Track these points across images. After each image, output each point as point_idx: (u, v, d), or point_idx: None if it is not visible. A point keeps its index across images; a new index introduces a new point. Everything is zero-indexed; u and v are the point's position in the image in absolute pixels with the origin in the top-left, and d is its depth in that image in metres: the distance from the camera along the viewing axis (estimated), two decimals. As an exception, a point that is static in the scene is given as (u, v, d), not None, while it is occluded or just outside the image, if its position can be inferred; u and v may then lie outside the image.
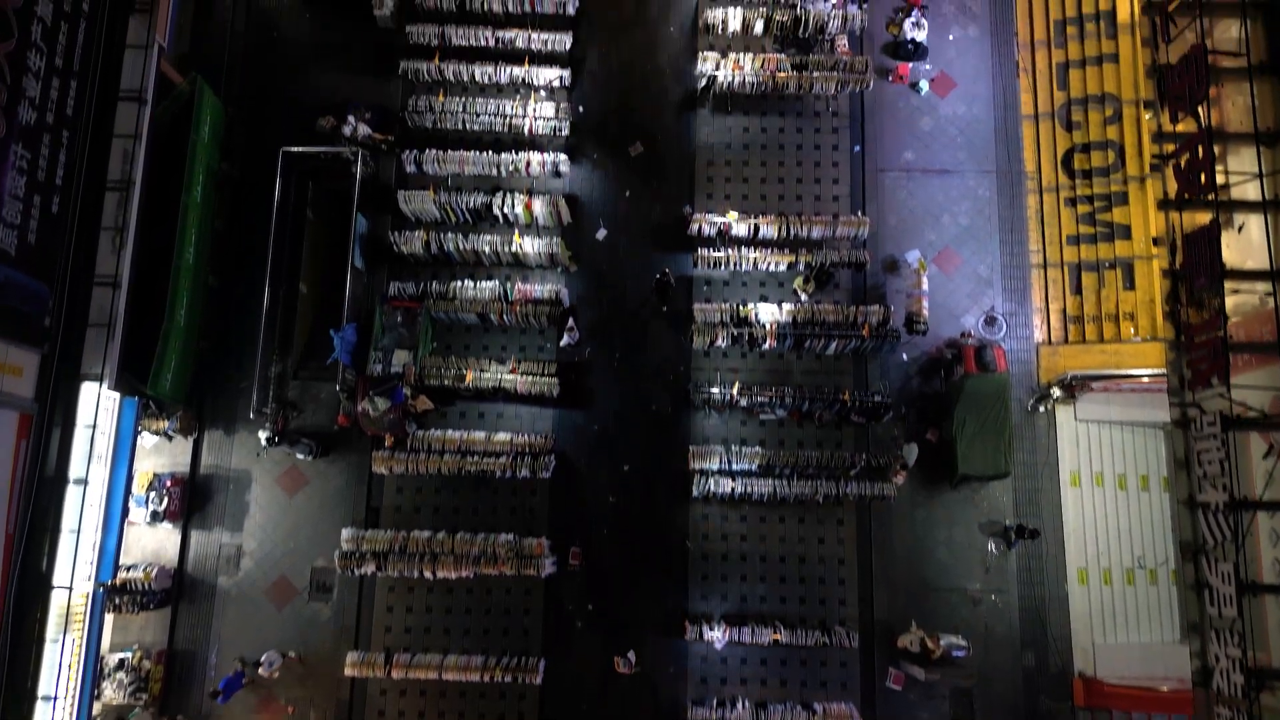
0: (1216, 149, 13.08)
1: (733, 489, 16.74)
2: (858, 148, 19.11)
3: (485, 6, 18.89)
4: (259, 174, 18.30)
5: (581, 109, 19.31)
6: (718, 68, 18.38)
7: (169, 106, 17.29)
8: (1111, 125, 18.42)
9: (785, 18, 18.67)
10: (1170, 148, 14.09)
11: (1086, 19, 18.94)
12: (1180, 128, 14.05)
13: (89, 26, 15.06)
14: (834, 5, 18.91)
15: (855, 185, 18.95)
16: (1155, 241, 16.92)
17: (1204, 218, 14.24)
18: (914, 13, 19.16)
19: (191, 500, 17.58)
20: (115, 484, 15.19)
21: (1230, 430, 12.12)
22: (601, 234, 18.81)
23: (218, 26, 19.37)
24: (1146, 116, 17.32)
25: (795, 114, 19.19)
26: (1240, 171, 12.94)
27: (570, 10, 19.05)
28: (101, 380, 14.79)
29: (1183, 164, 14.10)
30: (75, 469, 14.39)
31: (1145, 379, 16.67)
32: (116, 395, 15.36)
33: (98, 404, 14.67)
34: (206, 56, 19.14)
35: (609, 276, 18.68)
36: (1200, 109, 13.36)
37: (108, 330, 14.88)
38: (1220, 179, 13.01)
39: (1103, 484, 17.59)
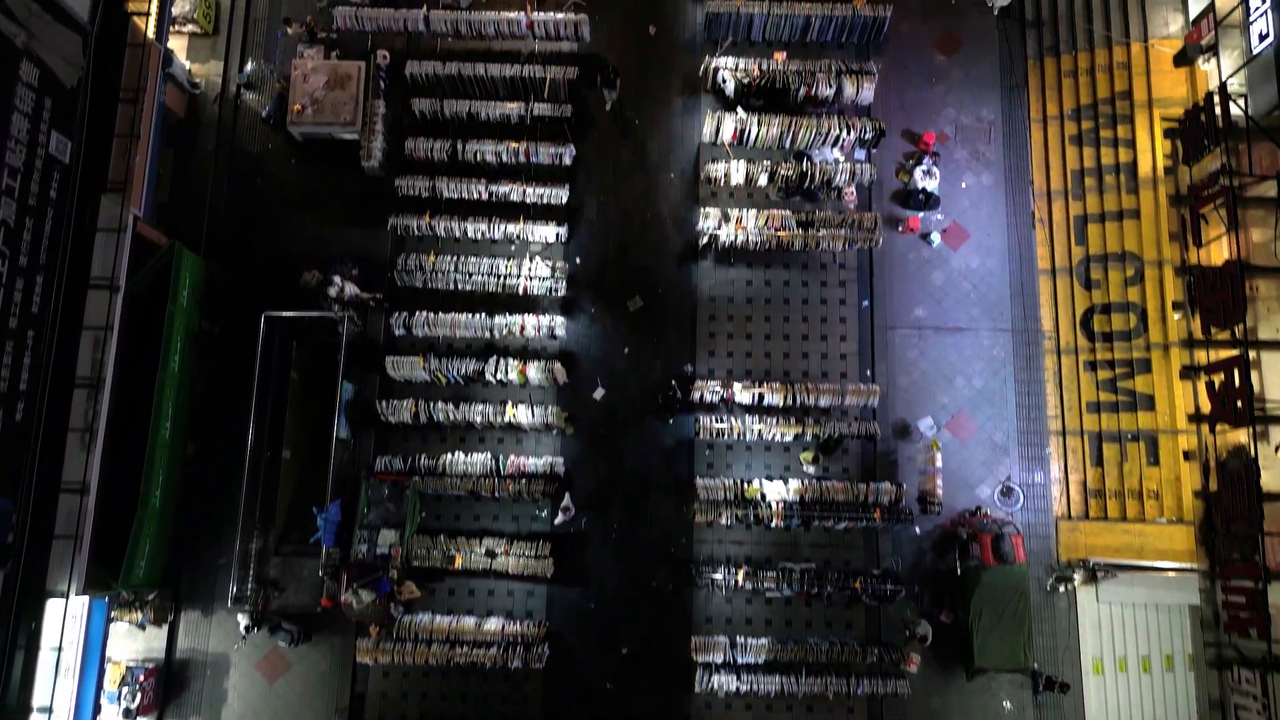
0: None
1: (738, 687, 15.87)
2: (866, 302, 18.30)
3: (478, 157, 18.12)
4: (241, 329, 17.49)
5: (579, 259, 18.52)
6: (719, 226, 17.61)
7: (145, 274, 16.49)
8: (1133, 286, 17.62)
9: (790, 171, 17.90)
10: (1202, 357, 13.35)
11: (1105, 170, 18.17)
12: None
13: (57, 215, 14.31)
14: (840, 159, 18.16)
15: (864, 342, 18.14)
16: (1186, 456, 16.03)
17: (1238, 435, 13.46)
18: (925, 160, 18.38)
19: (167, 690, 16.67)
20: (84, 697, 14.36)
21: (1270, 678, 11.28)
22: (599, 394, 17.97)
23: (199, 174, 18.56)
24: (1175, 317, 16.53)
25: (801, 265, 18.39)
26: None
27: (566, 160, 18.27)
28: (68, 595, 13.95)
29: (1216, 384, 13.34)
30: (39, 697, 13.54)
31: (1171, 572, 15.82)
32: (85, 598, 14.54)
33: (64, 624, 13.83)
34: (187, 205, 18.36)
35: (607, 440, 17.83)
36: (1237, 329, 12.63)
37: (75, 542, 14.05)
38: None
39: (1126, 669, 16.71)
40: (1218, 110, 16.48)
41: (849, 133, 17.99)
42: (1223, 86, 16.66)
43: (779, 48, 19.15)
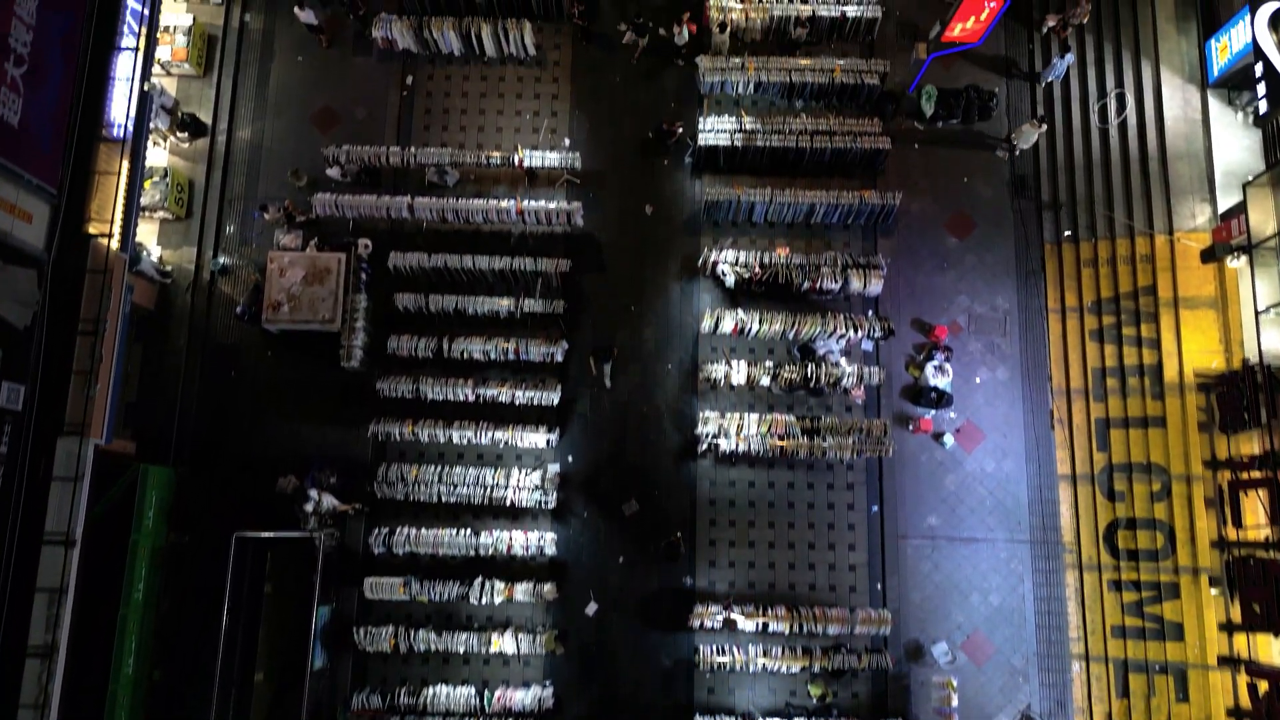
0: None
1: None
2: (875, 508, 17.26)
3: (465, 355, 17.13)
4: (212, 541, 16.45)
5: (570, 458, 17.49)
6: (719, 433, 16.61)
7: (108, 500, 15.47)
8: (1159, 502, 16.58)
9: (794, 374, 16.89)
10: (1241, 644, 12.30)
11: (1129, 371, 17.16)
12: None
13: (8, 469, 13.27)
14: (846, 359, 17.19)
15: (874, 552, 17.07)
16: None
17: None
18: (936, 355, 17.39)
19: None
20: None
21: None
22: (592, 609, 16.89)
23: (169, 370, 17.55)
24: (1212, 593, 15.47)
25: (806, 467, 17.35)
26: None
27: (559, 358, 17.27)
28: None
29: (1260, 690, 12.34)
30: None
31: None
32: None
33: None
34: (157, 403, 17.34)
35: (600, 660, 16.74)
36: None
37: (21, 837, 12.94)
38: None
39: None
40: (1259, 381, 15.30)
41: (856, 331, 17.01)
42: (1265, 369, 15.57)
43: (782, 230, 18.22)
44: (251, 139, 18.65)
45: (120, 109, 15.40)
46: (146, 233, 17.90)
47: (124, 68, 15.42)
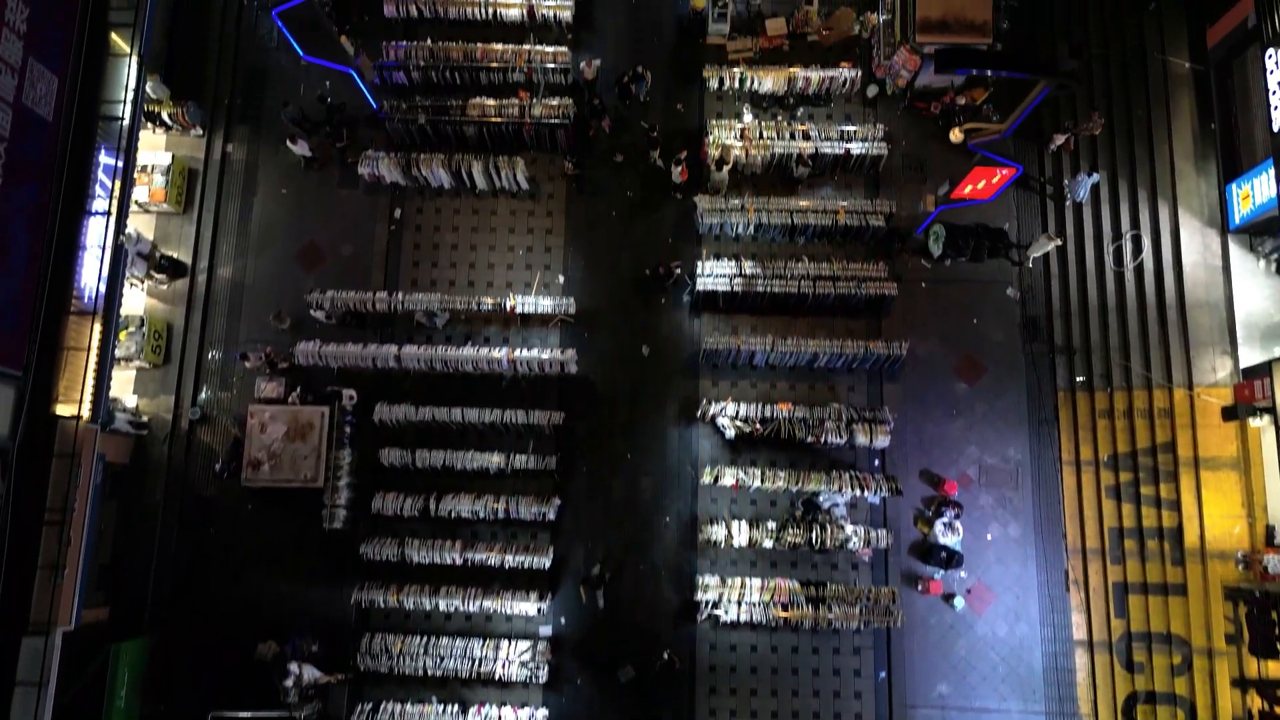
0: None
1: None
2: (883, 674, 16.48)
3: (453, 515, 16.40)
4: (188, 712, 15.73)
5: (563, 620, 16.73)
6: (719, 602, 15.87)
7: (78, 686, 14.73)
8: (1180, 677, 15.81)
9: (798, 538, 16.16)
10: None
11: (1148, 534, 16.41)
12: None
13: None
14: (852, 511, 16.48)
15: (882, 722, 16.32)
16: None
17: None
18: (946, 512, 16.64)
19: None
20: None
21: None
22: (586, 784, 16.15)
23: (145, 528, 16.77)
24: None
25: (811, 630, 16.58)
26: None
27: (551, 516, 16.53)
28: None
29: None
30: None
31: None
32: None
33: None
34: (132, 563, 16.58)
35: (595, 841, 15.99)
36: None
37: None
38: None
39: None
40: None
41: (862, 491, 16.28)
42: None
43: (784, 374, 17.51)
44: (233, 278, 17.95)
45: (91, 274, 14.77)
46: (122, 381, 17.19)
47: (95, 233, 14.79)
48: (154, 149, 17.87)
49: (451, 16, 18.52)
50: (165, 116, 17.60)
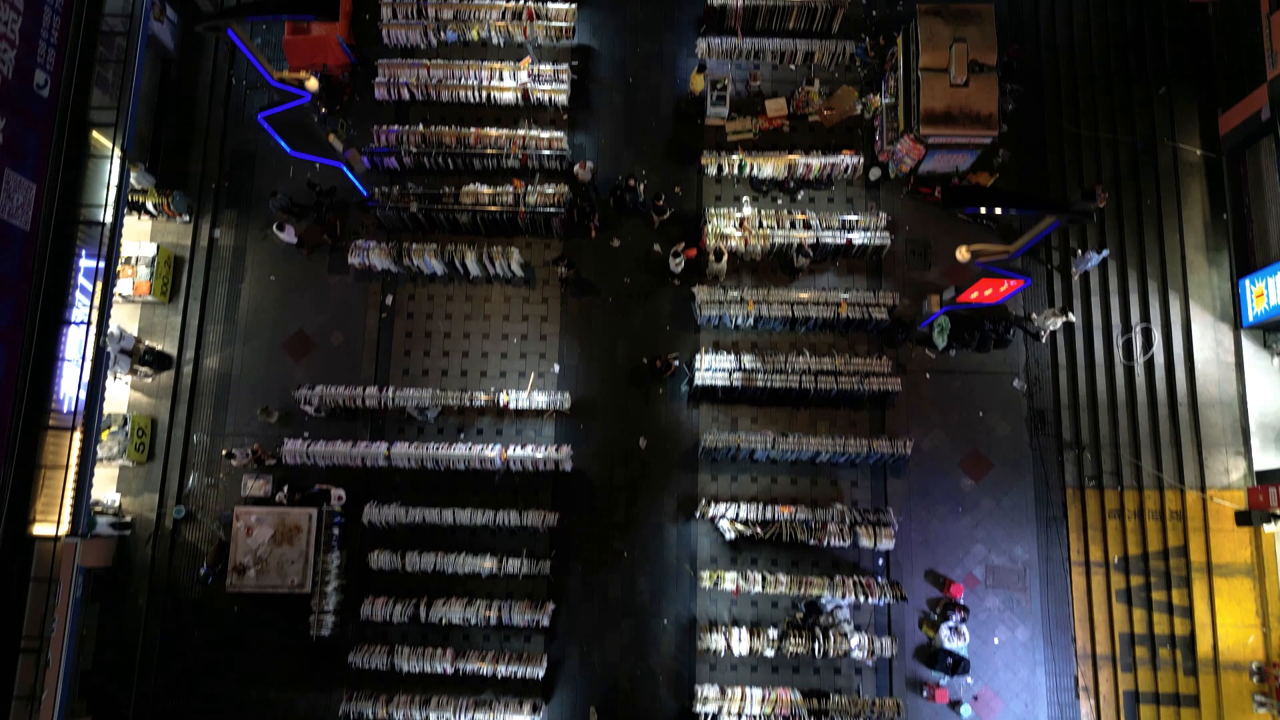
0: None
1: None
2: (888, 785, 16.00)
3: (444, 621, 15.91)
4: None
5: (559, 726, 16.29)
6: (718, 715, 15.39)
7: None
8: (1194, 793, 15.34)
9: (800, 648, 15.68)
10: None
11: (1159, 641, 15.94)
12: None
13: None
14: (855, 613, 16.01)
15: (886, 839, 15.80)
16: None
17: None
18: (952, 616, 16.15)
19: None
20: None
21: None
22: None
23: (127, 631, 16.30)
24: None
25: (813, 736, 16.11)
26: None
27: (544, 622, 16.04)
28: None
29: None
30: None
31: None
32: None
33: None
34: (114, 667, 16.11)
35: None
36: None
37: None
38: None
39: None
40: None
41: (866, 597, 15.81)
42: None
43: (785, 468, 17.04)
44: (219, 368, 17.51)
45: (71, 383, 14.32)
46: (104, 478, 16.74)
47: (74, 342, 14.34)
48: (139, 238, 17.45)
49: (444, 99, 18.09)
50: (150, 206, 17.17)
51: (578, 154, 18.38)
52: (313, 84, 14.95)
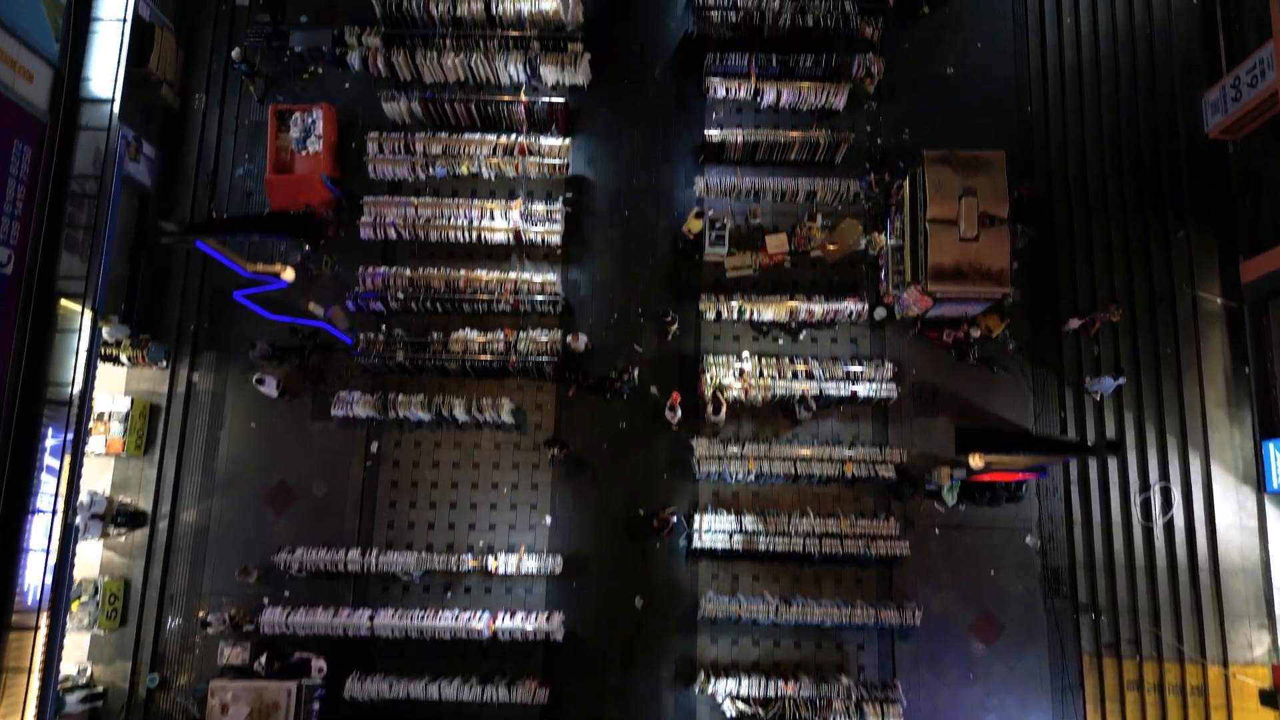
0: None
1: None
2: None
3: (429, 804, 15.19)
4: None
5: None
6: None
7: None
8: None
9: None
10: None
11: (1181, 827, 15.17)
12: None
13: None
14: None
15: None
16: None
17: None
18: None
19: None
20: None
21: None
22: None
23: (98, 811, 15.60)
24: None
25: None
26: None
27: (536, 802, 15.33)
28: None
29: None
30: None
31: None
32: None
33: None
34: None
35: None
36: None
37: None
38: None
39: None
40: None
41: (875, 772, 15.07)
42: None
43: (788, 631, 16.29)
44: (196, 523, 16.77)
45: (35, 573, 13.60)
46: (74, 645, 15.96)
47: (39, 530, 13.62)
48: (113, 389, 16.74)
49: (433, 239, 17.40)
50: (124, 359, 16.46)
51: (571, 290, 17.70)
52: (289, 274, 14.30)
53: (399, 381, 17.13)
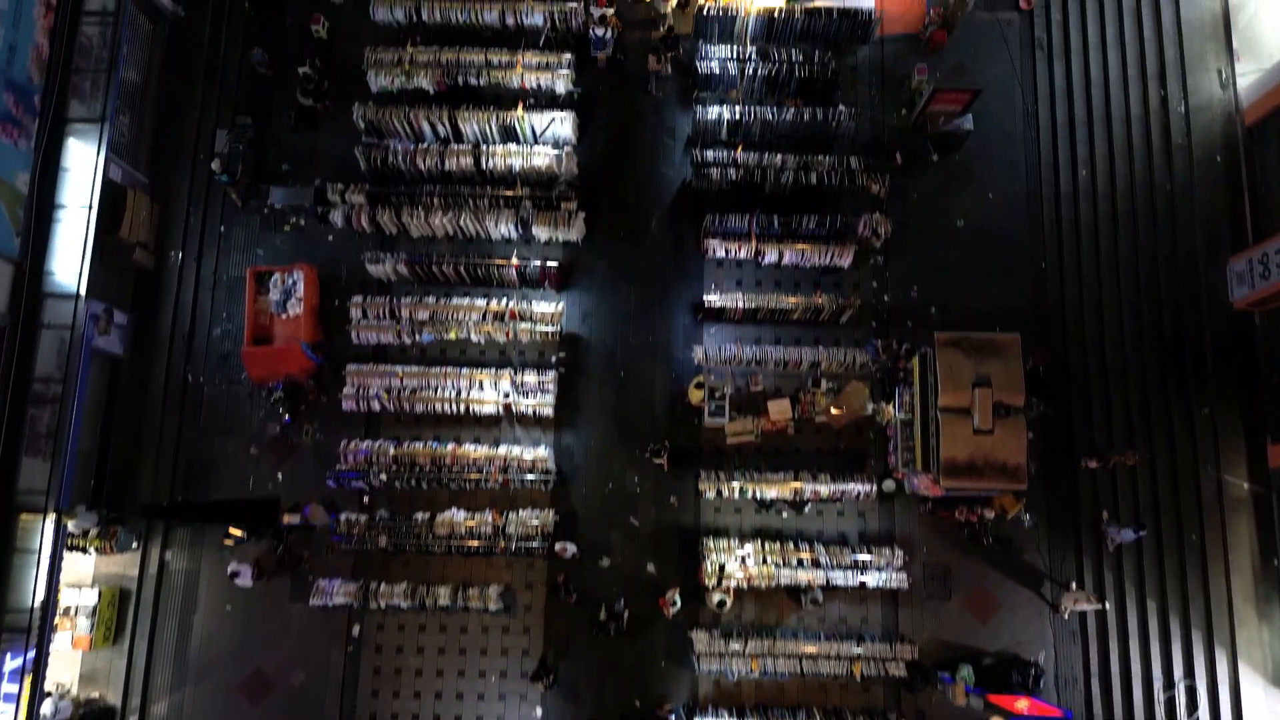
0: None
1: None
2: None
3: None
4: None
5: None
6: None
7: None
8: None
9: None
10: None
11: None
12: None
13: None
14: None
15: None
16: None
17: None
18: None
19: None
20: None
21: None
22: None
23: None
24: None
25: None
26: None
27: None
28: None
29: None
30: None
31: None
32: None
33: None
34: None
35: None
36: None
37: None
38: None
39: None
40: None
41: None
42: None
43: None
44: (168, 717, 15.88)
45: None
46: None
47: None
48: (79, 579, 15.87)
49: (419, 411, 16.57)
50: (92, 549, 15.61)
51: (564, 456, 16.86)
52: (238, 533, 13.78)
53: (382, 559, 16.28)
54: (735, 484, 16.05)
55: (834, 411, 16.81)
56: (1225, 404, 16.22)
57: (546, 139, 17.46)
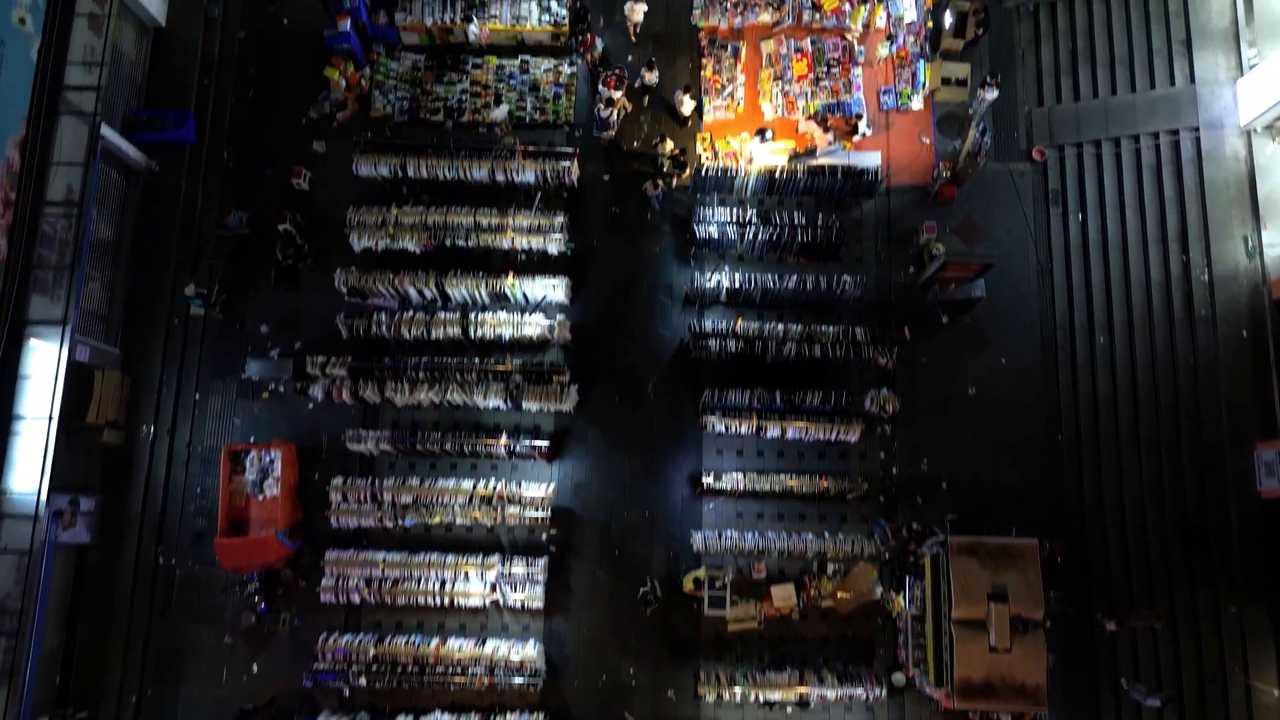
0: None
1: None
2: None
3: None
4: None
5: None
6: None
7: None
8: None
9: None
10: None
11: None
12: None
13: None
14: None
15: None
16: None
17: None
18: None
19: None
20: None
21: None
22: None
23: None
24: None
25: None
26: None
27: None
28: None
29: None
30: None
31: None
32: None
33: None
34: None
35: None
36: None
37: None
38: None
39: None
40: None
41: None
42: None
43: None
44: None
45: None
46: None
47: None
48: (42, 793, 14.98)
49: (401, 604, 15.67)
50: (57, 763, 14.75)
51: (553, 644, 15.98)
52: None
53: (363, 758, 15.40)
54: (737, 688, 15.16)
55: (841, 595, 15.97)
56: (1253, 602, 15.30)
57: (537, 302, 16.67)
